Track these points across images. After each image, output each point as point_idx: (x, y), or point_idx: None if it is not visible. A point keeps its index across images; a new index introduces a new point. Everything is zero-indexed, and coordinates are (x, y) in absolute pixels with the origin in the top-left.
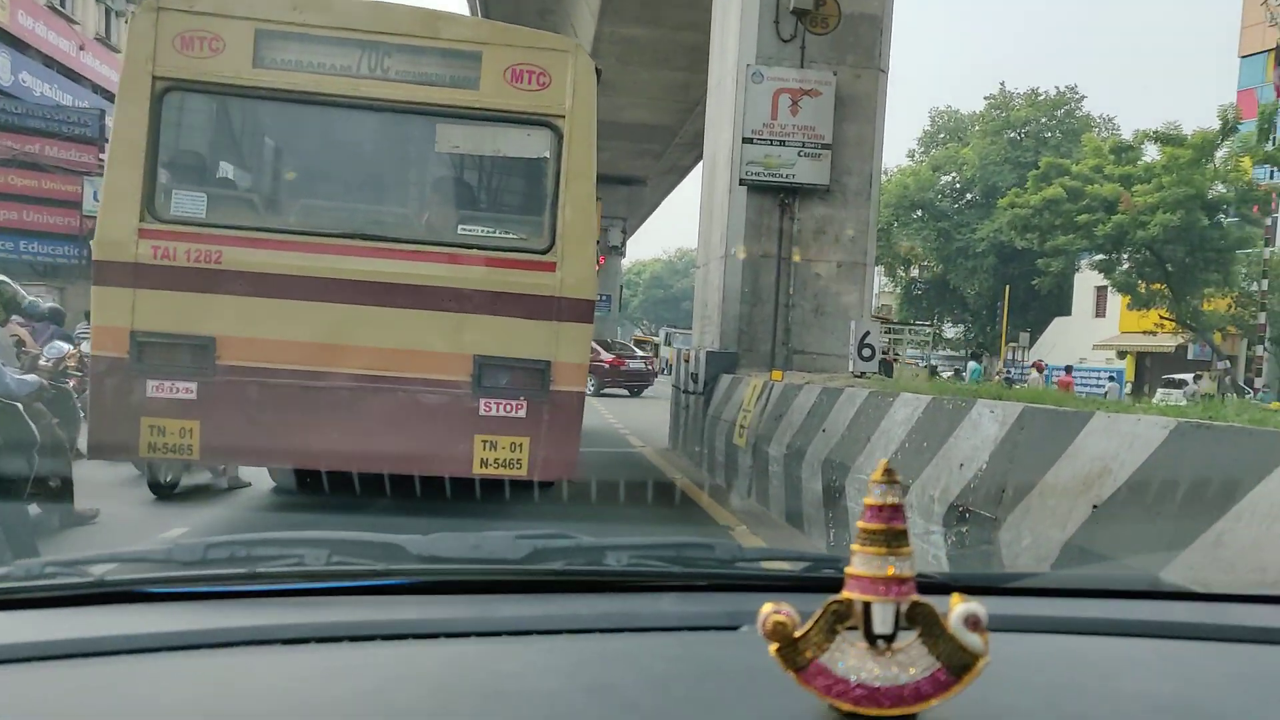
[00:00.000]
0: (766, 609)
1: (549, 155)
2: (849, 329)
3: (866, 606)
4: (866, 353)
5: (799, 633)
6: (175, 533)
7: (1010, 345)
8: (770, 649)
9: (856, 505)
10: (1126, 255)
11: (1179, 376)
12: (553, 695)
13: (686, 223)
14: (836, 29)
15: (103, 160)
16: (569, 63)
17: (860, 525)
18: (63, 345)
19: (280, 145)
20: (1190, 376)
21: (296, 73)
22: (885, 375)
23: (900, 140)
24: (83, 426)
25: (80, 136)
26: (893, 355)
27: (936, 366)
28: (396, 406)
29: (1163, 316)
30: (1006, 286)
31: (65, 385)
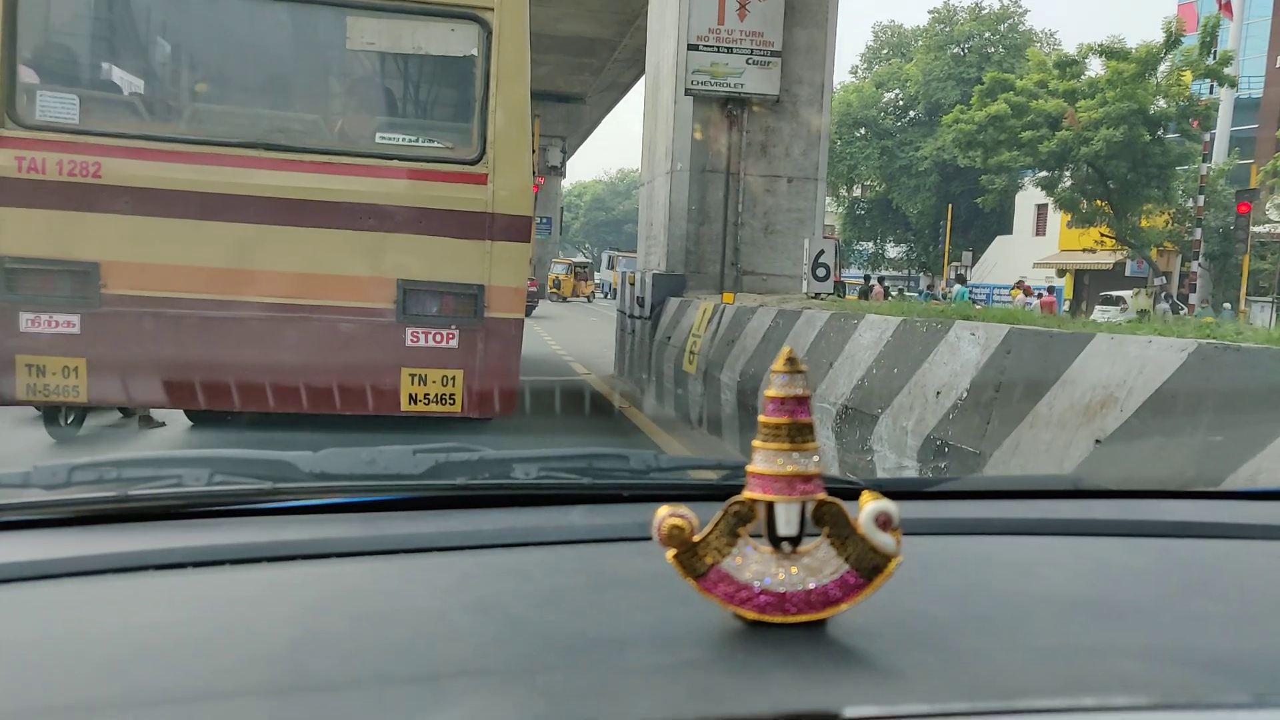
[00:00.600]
0: (662, 512)
1: (476, 53)
2: (802, 248)
3: (770, 507)
4: (821, 272)
5: (698, 537)
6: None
7: (953, 264)
8: (667, 555)
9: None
10: (1069, 172)
11: (1116, 294)
12: (430, 614)
13: (628, 142)
14: None
15: None
16: None
17: (761, 420)
18: None
19: (170, 40)
20: (1129, 294)
21: None
22: (838, 296)
23: (844, 57)
24: None
25: None
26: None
27: (892, 288)
28: (312, 339)
29: (1103, 234)
30: (949, 205)
31: None
